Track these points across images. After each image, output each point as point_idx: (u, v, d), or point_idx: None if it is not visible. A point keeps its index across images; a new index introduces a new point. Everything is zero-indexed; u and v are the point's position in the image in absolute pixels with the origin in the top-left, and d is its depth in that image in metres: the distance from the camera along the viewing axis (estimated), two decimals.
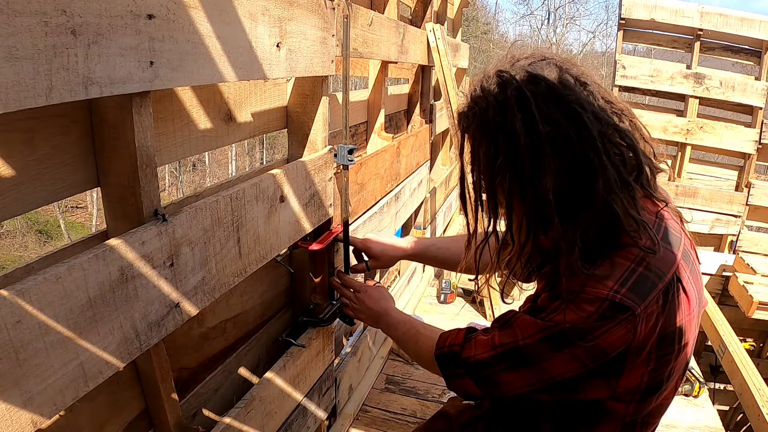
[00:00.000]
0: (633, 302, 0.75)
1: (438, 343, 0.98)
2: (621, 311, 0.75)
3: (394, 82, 3.08)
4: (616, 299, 0.75)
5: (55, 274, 0.65)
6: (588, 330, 0.77)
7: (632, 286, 0.76)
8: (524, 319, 0.85)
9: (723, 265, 4.04)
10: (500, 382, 0.87)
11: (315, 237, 1.43)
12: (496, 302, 2.85)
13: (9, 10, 0.56)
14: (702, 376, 2.42)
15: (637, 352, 0.78)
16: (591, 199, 0.77)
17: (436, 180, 3.44)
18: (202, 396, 1.20)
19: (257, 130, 1.29)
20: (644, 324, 0.76)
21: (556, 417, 0.92)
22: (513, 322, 0.87)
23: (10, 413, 0.61)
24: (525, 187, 0.79)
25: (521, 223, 0.85)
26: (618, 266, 0.78)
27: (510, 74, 0.80)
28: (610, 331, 0.76)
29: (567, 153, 0.76)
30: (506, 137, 0.78)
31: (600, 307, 0.76)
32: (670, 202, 0.88)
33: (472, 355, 0.90)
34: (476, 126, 0.83)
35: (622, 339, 0.76)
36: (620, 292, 0.76)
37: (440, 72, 2.77)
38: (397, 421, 2.04)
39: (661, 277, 0.78)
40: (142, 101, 0.79)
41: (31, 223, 15.85)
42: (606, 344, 0.76)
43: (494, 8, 35.45)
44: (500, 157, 0.79)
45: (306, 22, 1.20)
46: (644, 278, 0.77)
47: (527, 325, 0.84)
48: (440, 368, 0.96)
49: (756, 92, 4.19)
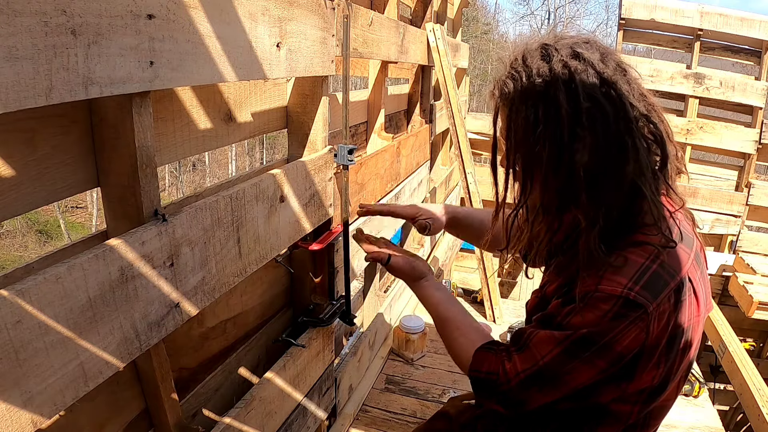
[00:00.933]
0: (646, 300, 0.75)
1: (474, 363, 0.94)
2: (634, 309, 0.75)
3: (394, 82, 3.08)
4: (630, 297, 0.75)
5: (55, 274, 0.65)
6: (604, 332, 0.77)
7: (645, 284, 0.76)
8: (539, 336, 0.84)
9: (723, 265, 4.04)
10: (525, 401, 0.87)
11: (315, 237, 1.43)
12: (495, 302, 2.85)
13: (9, 10, 0.56)
14: (702, 376, 2.42)
15: (650, 353, 0.78)
16: (620, 180, 0.78)
17: (436, 180, 3.44)
18: (202, 396, 1.20)
19: (257, 130, 1.29)
20: (656, 322, 0.76)
21: (561, 418, 0.92)
22: (529, 342, 0.86)
23: (10, 413, 0.61)
24: (561, 158, 0.79)
25: (550, 196, 0.84)
26: (632, 263, 0.78)
27: (555, 47, 0.81)
28: (624, 332, 0.76)
29: (603, 131, 0.77)
30: (548, 106, 0.78)
31: (615, 305, 0.76)
32: (686, 204, 0.88)
33: (504, 382, 0.89)
34: (517, 94, 0.82)
35: (636, 340, 0.76)
36: (634, 290, 0.76)
37: (440, 72, 2.77)
38: (397, 421, 2.04)
39: (673, 276, 0.78)
40: (142, 101, 0.79)
41: (31, 223, 15.84)
42: (622, 347, 0.77)
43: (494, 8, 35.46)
44: (540, 126, 0.79)
45: (306, 22, 1.20)
46: (658, 276, 0.77)
47: (543, 342, 0.83)
48: (473, 387, 0.95)
49: (756, 92, 4.19)
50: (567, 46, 0.81)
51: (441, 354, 2.52)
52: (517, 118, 0.83)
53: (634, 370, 0.79)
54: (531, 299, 1.00)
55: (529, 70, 0.81)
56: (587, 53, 0.80)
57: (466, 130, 3.01)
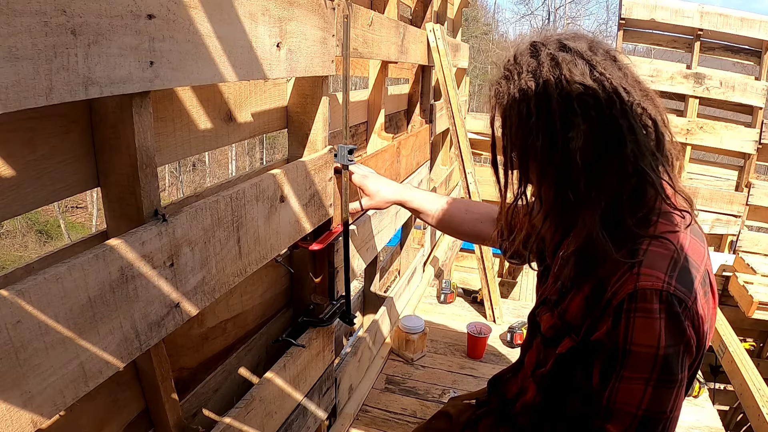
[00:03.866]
0: (685, 295, 0.75)
1: None
2: (678, 305, 0.74)
3: (394, 82, 3.08)
4: (671, 291, 0.74)
5: (55, 274, 0.65)
6: (674, 340, 0.74)
7: (678, 278, 0.75)
8: (624, 389, 0.77)
9: (723, 265, 4.04)
10: None
11: (315, 237, 1.43)
12: (496, 302, 2.85)
13: (9, 10, 0.56)
14: (702, 376, 2.41)
15: (690, 349, 0.77)
16: (621, 164, 0.78)
17: (436, 180, 3.44)
18: (202, 396, 1.20)
19: (257, 130, 1.29)
20: (695, 316, 0.76)
21: (568, 420, 0.92)
22: (612, 408, 0.79)
23: (10, 413, 0.61)
24: (555, 147, 0.79)
25: (548, 186, 0.84)
26: (660, 256, 0.77)
27: (542, 43, 0.83)
28: (684, 327, 0.74)
29: (597, 116, 0.77)
30: (539, 98, 0.79)
31: (662, 302, 0.74)
32: (693, 204, 0.87)
33: None
34: (508, 90, 0.84)
35: (690, 334, 0.75)
36: (672, 284, 0.75)
37: (440, 72, 2.77)
38: (397, 421, 2.03)
39: (697, 269, 0.78)
40: (142, 101, 0.79)
41: (31, 223, 15.85)
42: (692, 340, 0.76)
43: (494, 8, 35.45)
44: (533, 117, 0.80)
45: (306, 22, 1.20)
46: (686, 270, 0.77)
47: (632, 394, 0.77)
48: None
49: (756, 92, 4.19)
50: (555, 40, 0.83)
51: (441, 354, 2.52)
52: (510, 114, 0.84)
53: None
54: (546, 319, 0.95)
55: (520, 67, 0.82)
56: (574, 44, 0.81)
57: (466, 130, 3.01)
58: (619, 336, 0.77)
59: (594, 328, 0.82)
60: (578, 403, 0.88)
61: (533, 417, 0.99)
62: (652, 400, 0.76)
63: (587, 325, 0.84)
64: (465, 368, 2.42)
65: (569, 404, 0.91)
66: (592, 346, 0.83)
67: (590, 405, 0.84)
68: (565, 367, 0.90)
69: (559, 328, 0.91)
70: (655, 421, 0.77)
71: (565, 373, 0.90)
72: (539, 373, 0.96)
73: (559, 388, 0.93)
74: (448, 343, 2.61)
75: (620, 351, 0.77)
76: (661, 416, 0.77)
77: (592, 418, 0.84)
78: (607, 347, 0.80)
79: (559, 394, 0.93)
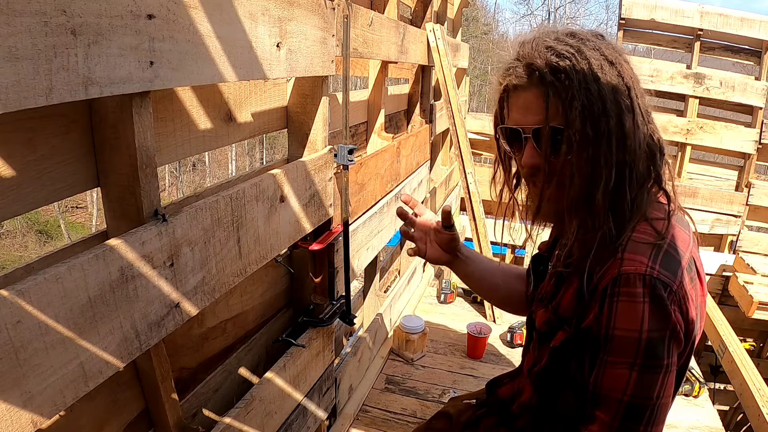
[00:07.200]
0: (669, 279, 0.75)
1: None
2: (663, 288, 0.74)
3: (394, 82, 3.08)
4: (654, 275, 0.74)
5: (55, 274, 0.65)
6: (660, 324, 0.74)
7: (663, 263, 0.75)
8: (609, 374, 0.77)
9: (723, 265, 4.04)
10: None
11: (315, 237, 1.43)
12: None
13: (9, 10, 0.56)
14: (702, 376, 2.42)
15: (677, 336, 0.76)
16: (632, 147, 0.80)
17: (436, 180, 3.44)
18: (202, 396, 1.20)
19: (257, 130, 1.29)
20: (682, 301, 0.75)
21: (566, 419, 0.91)
22: (599, 394, 0.79)
23: (10, 413, 0.61)
24: (599, 127, 0.79)
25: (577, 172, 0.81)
26: (644, 243, 0.78)
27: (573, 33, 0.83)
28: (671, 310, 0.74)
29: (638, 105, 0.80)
30: (610, 80, 0.80)
31: (645, 286, 0.74)
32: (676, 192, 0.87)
33: None
34: (575, 66, 0.80)
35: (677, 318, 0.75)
36: (656, 269, 0.75)
37: (440, 72, 2.77)
38: (397, 421, 2.04)
39: (681, 255, 0.78)
40: (142, 101, 0.79)
41: (31, 223, 15.85)
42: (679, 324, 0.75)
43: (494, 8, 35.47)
44: (608, 98, 0.80)
45: (306, 22, 1.20)
46: (670, 255, 0.77)
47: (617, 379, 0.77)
48: None
49: (756, 92, 4.19)
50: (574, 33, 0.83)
51: (441, 354, 2.52)
52: (580, 97, 0.79)
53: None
54: (540, 315, 0.94)
55: (579, 47, 0.81)
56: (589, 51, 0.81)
57: (466, 130, 3.01)
58: (602, 320, 0.77)
59: (584, 316, 0.83)
60: (571, 398, 0.88)
61: (532, 418, 0.99)
62: (637, 385, 0.76)
63: (578, 314, 0.84)
64: (465, 368, 2.42)
65: (563, 399, 0.91)
66: (583, 335, 0.83)
67: (583, 399, 0.84)
68: (559, 362, 0.90)
69: (552, 323, 0.91)
70: (642, 407, 0.76)
71: (560, 368, 0.90)
72: (535, 371, 0.96)
73: (553, 384, 0.93)
74: (448, 343, 2.61)
75: (603, 336, 0.78)
76: (647, 402, 0.76)
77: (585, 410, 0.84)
78: (594, 334, 0.80)
79: (553, 390, 0.93)
